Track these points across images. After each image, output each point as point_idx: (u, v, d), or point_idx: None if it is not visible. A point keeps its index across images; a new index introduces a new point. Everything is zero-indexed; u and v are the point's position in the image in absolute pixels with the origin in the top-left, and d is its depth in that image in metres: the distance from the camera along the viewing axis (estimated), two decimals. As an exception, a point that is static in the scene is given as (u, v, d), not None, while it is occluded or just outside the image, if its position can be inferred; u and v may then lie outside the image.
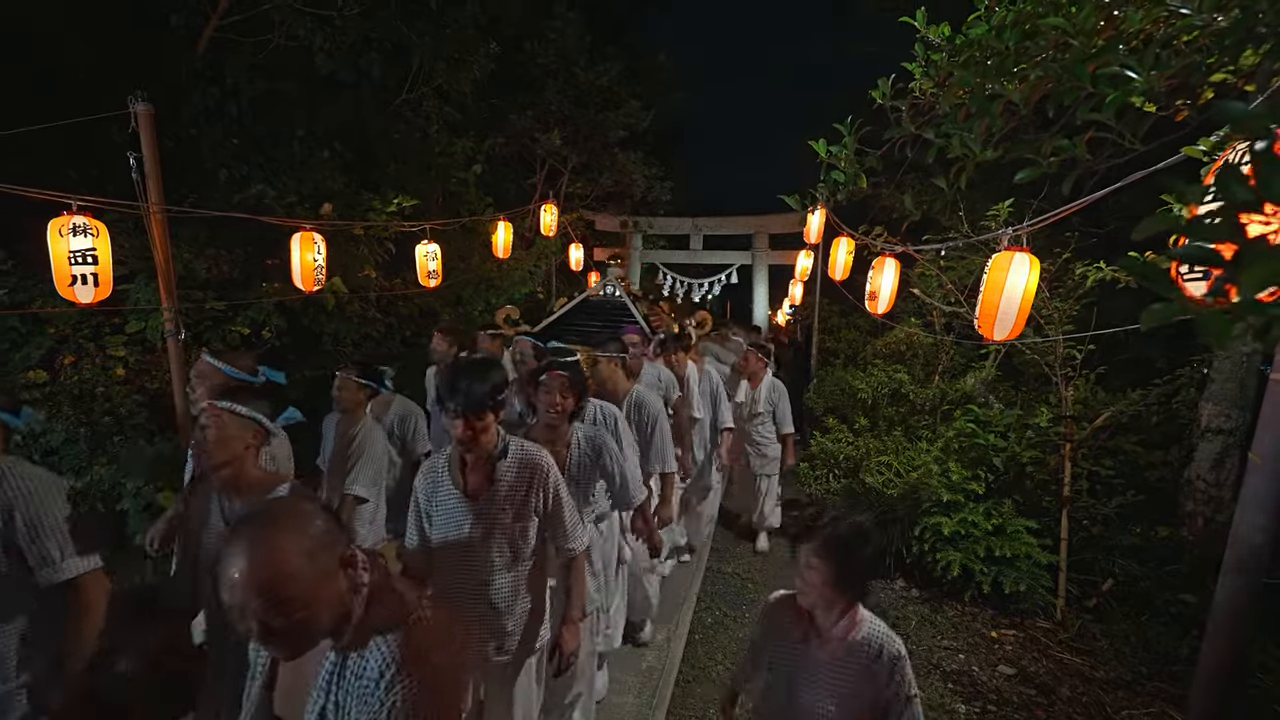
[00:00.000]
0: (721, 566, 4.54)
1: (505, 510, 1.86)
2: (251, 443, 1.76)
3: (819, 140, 2.22)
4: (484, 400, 1.74)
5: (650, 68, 11.49)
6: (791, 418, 4.69)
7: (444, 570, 1.90)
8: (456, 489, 1.88)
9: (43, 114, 3.76)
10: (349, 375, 2.96)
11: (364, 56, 6.79)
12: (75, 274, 3.11)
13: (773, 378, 4.71)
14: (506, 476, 1.87)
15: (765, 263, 11.28)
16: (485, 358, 2.39)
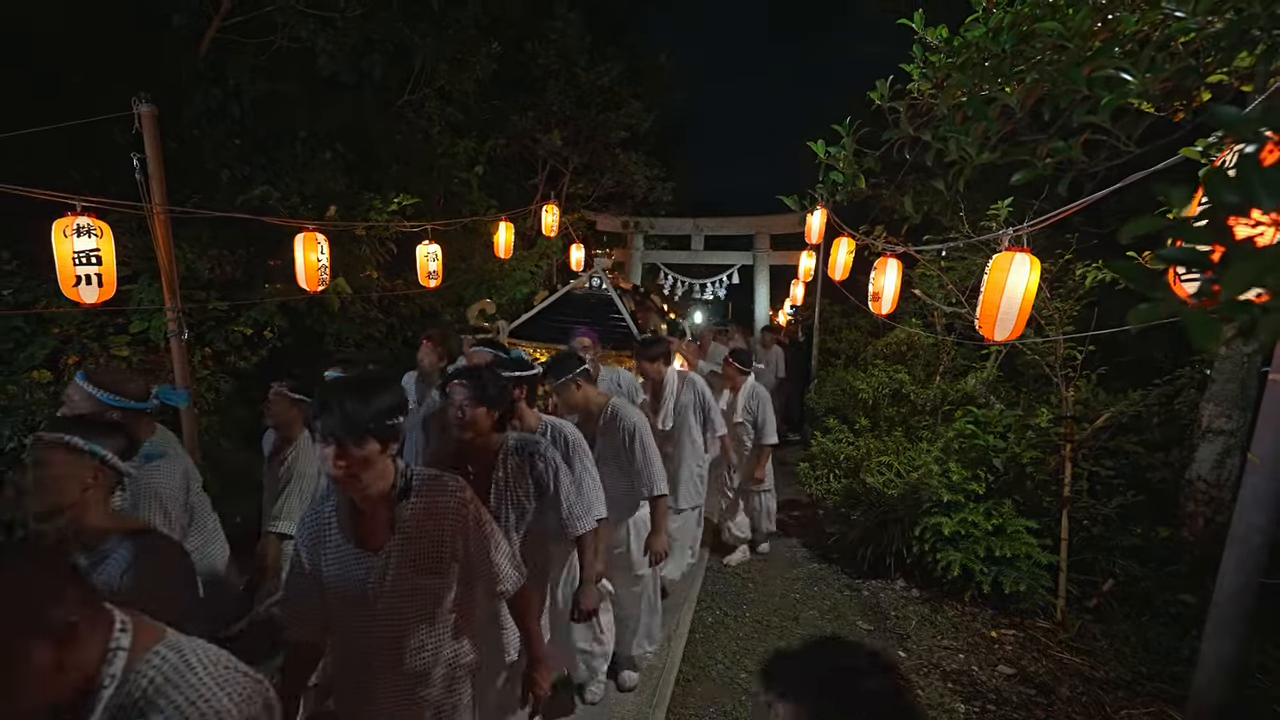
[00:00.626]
0: (721, 567, 4.54)
1: (414, 564, 1.50)
2: (92, 484, 1.43)
3: (818, 141, 2.23)
4: (362, 423, 1.36)
5: (651, 68, 11.51)
6: (774, 428, 4.38)
7: (342, 642, 1.60)
8: (349, 541, 1.51)
9: (46, 115, 3.78)
10: (281, 388, 2.58)
11: (366, 58, 6.81)
12: (79, 274, 3.13)
13: (753, 384, 4.46)
14: (412, 522, 1.50)
15: (767, 263, 11.28)
16: (375, 373, 2.31)
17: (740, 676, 3.28)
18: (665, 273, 11.43)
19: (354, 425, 1.36)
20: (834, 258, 5.18)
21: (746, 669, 3.34)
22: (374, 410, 1.38)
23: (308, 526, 1.57)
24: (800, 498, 5.96)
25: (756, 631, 3.71)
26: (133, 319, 4.44)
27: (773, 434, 4.36)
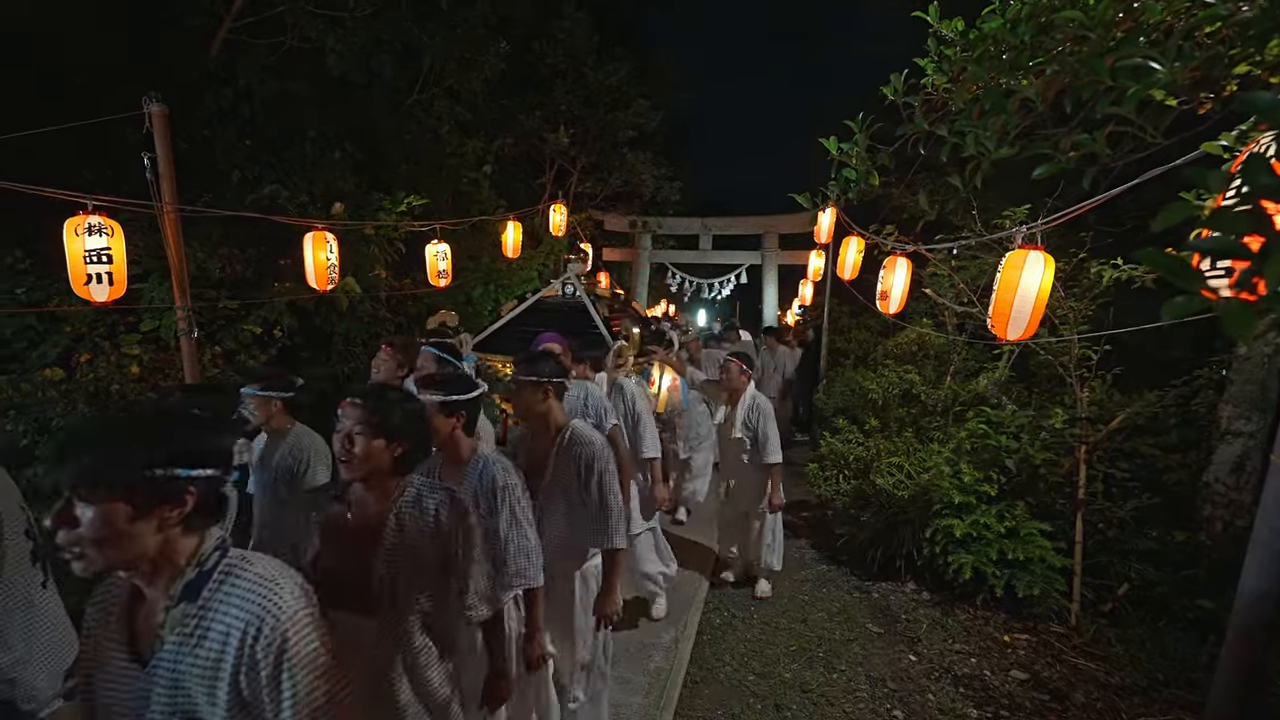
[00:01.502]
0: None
1: (185, 695, 1.01)
2: None
3: (830, 138, 2.20)
4: (102, 473, 0.94)
5: (657, 68, 11.50)
6: (778, 444, 3.85)
7: None
8: (120, 649, 1.07)
9: (58, 114, 3.81)
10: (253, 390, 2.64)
11: (375, 57, 6.84)
12: (91, 273, 3.14)
13: (754, 394, 3.96)
14: (193, 638, 1.01)
15: (775, 263, 11.23)
16: (149, 409, 1.99)
17: (748, 679, 3.25)
18: (673, 272, 11.41)
19: (87, 474, 0.94)
20: (843, 257, 5.14)
21: (755, 671, 3.31)
22: (128, 457, 0.96)
23: (95, 606, 1.13)
24: (809, 499, 5.91)
25: (765, 634, 3.68)
26: (144, 317, 4.46)
27: (776, 451, 3.84)
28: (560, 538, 2.31)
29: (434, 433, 1.84)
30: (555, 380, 2.29)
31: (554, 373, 2.29)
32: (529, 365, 2.29)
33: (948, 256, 5.01)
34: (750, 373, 4.04)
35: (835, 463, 4.99)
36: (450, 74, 7.74)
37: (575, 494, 2.28)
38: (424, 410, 1.67)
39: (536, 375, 2.26)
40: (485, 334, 4.48)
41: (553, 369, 2.29)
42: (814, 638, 3.62)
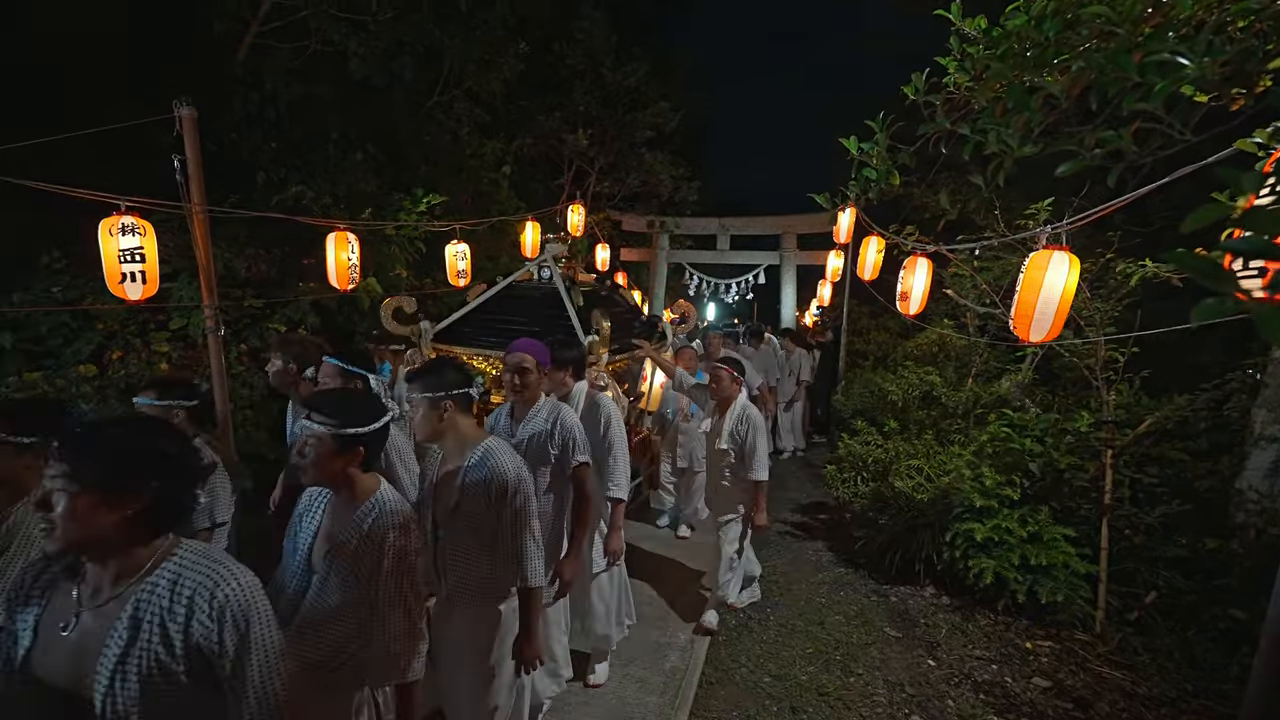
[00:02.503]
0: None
1: None
2: None
3: (850, 137, 2.18)
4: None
5: (674, 68, 11.49)
6: (766, 461, 3.55)
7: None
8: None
9: (92, 117, 3.92)
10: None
11: (396, 60, 6.93)
12: (125, 271, 3.24)
13: (746, 403, 3.65)
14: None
15: (793, 263, 11.16)
16: None
17: (764, 681, 3.24)
18: (690, 273, 11.39)
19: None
20: (863, 257, 5.09)
21: (770, 673, 3.30)
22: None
23: None
24: (826, 501, 5.88)
25: (781, 636, 3.66)
26: (173, 316, 4.57)
27: (763, 468, 3.52)
28: (468, 573, 2.00)
29: (324, 470, 1.56)
30: (458, 394, 1.98)
31: (453, 383, 1.97)
32: (421, 379, 1.97)
33: (969, 257, 4.94)
34: (741, 380, 3.69)
35: (854, 465, 4.95)
36: (470, 76, 7.81)
37: (485, 528, 1.96)
38: (175, 448, 1.20)
39: (430, 390, 1.94)
40: (448, 322, 3.82)
41: (452, 379, 1.98)
42: (831, 641, 3.60)
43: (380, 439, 1.68)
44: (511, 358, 2.51)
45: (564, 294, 3.86)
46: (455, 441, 2.00)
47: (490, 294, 4.08)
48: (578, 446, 2.53)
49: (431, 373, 2.00)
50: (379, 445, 1.68)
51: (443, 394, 1.95)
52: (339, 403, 1.67)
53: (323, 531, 1.66)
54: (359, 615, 1.58)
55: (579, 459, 2.54)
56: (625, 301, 4.55)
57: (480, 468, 1.97)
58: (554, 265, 4.12)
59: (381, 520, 1.60)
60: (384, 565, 1.57)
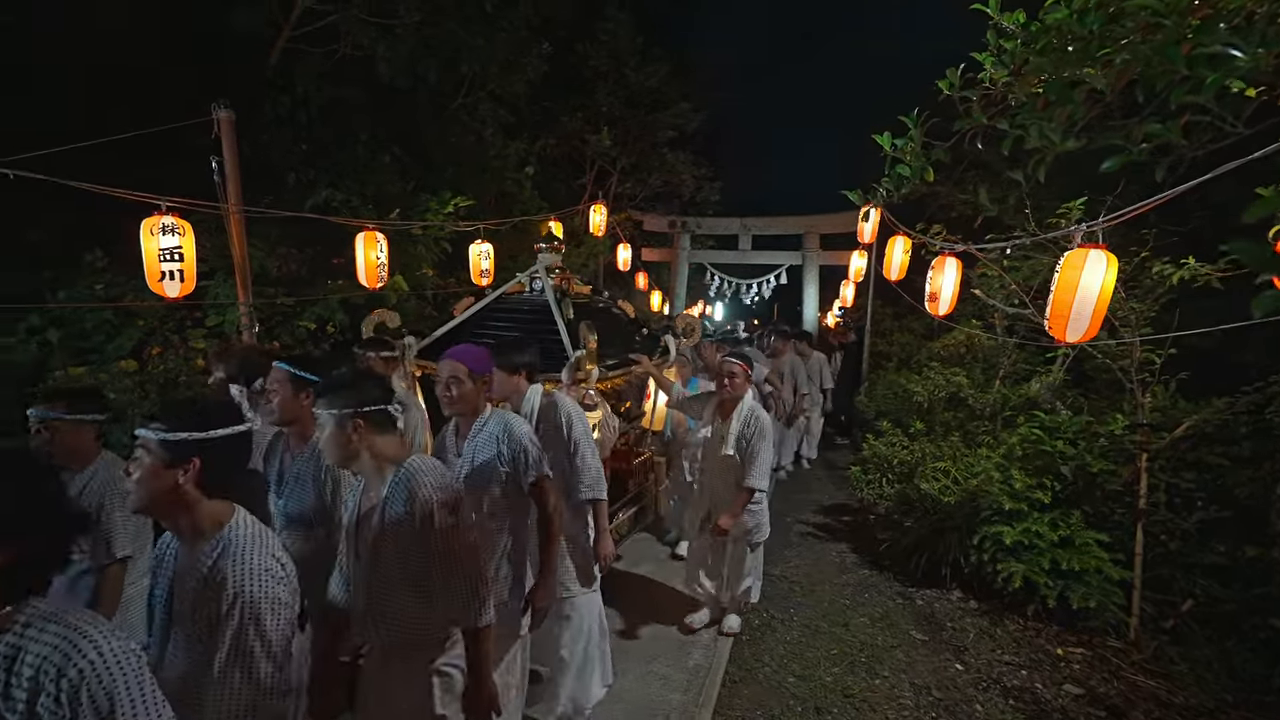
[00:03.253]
0: (769, 569, 4.46)
1: None
2: None
3: (884, 134, 2.17)
4: None
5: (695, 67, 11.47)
6: (767, 469, 3.32)
7: None
8: None
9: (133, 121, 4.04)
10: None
11: (422, 63, 7.03)
12: (164, 270, 3.34)
13: (754, 405, 3.39)
14: None
15: (816, 263, 11.08)
16: None
17: (788, 681, 3.23)
18: (712, 273, 11.38)
19: None
20: (889, 257, 5.05)
21: (794, 673, 3.28)
22: None
23: None
24: (850, 502, 5.83)
25: (805, 636, 3.64)
26: (208, 313, 4.70)
27: (762, 476, 3.28)
28: (402, 619, 1.70)
29: (149, 489, 1.33)
30: (372, 410, 1.69)
31: (366, 399, 1.69)
32: (326, 395, 1.68)
33: (999, 256, 4.86)
34: (751, 379, 3.49)
35: (878, 466, 4.90)
36: (494, 78, 7.89)
37: (414, 561, 1.67)
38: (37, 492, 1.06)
39: (335, 407, 1.65)
40: (434, 337, 3.59)
41: (364, 394, 1.70)
42: (855, 643, 3.57)
43: (226, 453, 1.38)
44: (442, 366, 2.22)
45: (554, 306, 3.54)
46: (372, 466, 1.71)
47: (478, 307, 3.81)
48: (531, 459, 2.24)
49: (339, 387, 1.70)
50: (226, 462, 1.39)
51: (350, 411, 1.65)
52: (177, 405, 1.42)
53: (175, 575, 1.39)
54: (201, 682, 1.27)
55: (535, 473, 2.24)
56: (623, 314, 4.18)
57: (400, 495, 1.67)
58: (545, 276, 3.79)
59: (226, 561, 1.29)
60: (229, 619, 1.25)
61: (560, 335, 3.37)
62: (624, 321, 4.11)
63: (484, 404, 2.30)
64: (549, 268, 3.88)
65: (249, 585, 1.27)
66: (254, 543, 1.34)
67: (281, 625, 1.31)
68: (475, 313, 3.81)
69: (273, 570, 1.33)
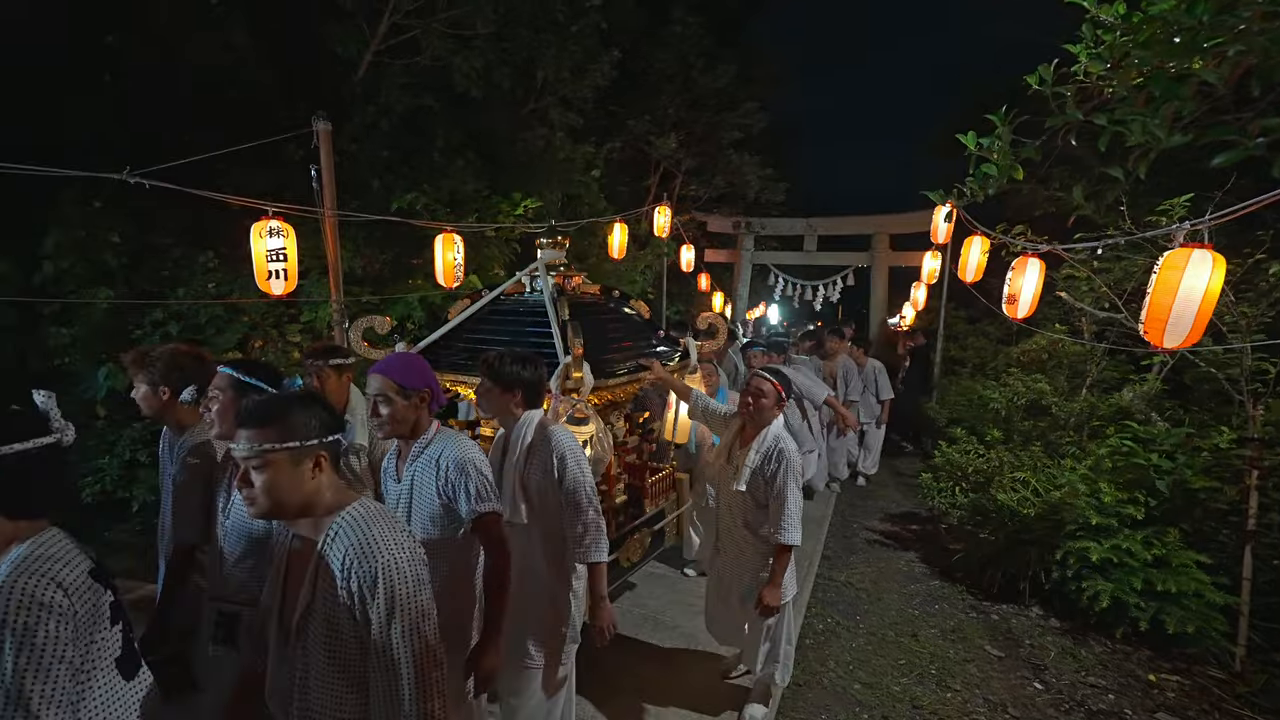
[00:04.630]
0: (833, 575, 4.41)
1: None
2: None
3: (968, 133, 2.11)
4: None
5: (762, 67, 11.36)
6: (797, 517, 2.58)
7: None
8: None
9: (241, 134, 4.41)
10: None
11: (496, 71, 7.31)
12: (271, 269, 3.64)
13: (780, 434, 2.68)
14: None
15: (885, 264, 10.74)
16: None
17: (854, 688, 3.18)
18: (775, 274, 11.23)
19: None
20: (964, 258, 4.86)
21: (861, 681, 3.23)
22: None
23: None
24: (918, 511, 5.66)
25: (871, 644, 3.57)
26: (303, 310, 5.07)
27: (793, 528, 2.56)
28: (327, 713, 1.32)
29: None
30: (303, 446, 1.30)
31: (320, 428, 1.33)
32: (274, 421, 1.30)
33: (1088, 257, 4.59)
34: (785, 401, 2.74)
35: (951, 474, 4.72)
36: (564, 84, 8.10)
37: (349, 643, 1.30)
38: None
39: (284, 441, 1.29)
40: (426, 342, 3.27)
41: (318, 422, 1.33)
42: (925, 654, 3.47)
43: (15, 471, 1.15)
44: (371, 382, 1.90)
45: (549, 307, 3.06)
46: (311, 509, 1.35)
47: (471, 310, 3.43)
48: (472, 489, 1.85)
49: (287, 411, 1.31)
50: (15, 483, 1.16)
51: (315, 443, 1.32)
52: None
53: None
54: None
55: (477, 506, 1.84)
56: (636, 315, 3.71)
57: (338, 551, 1.28)
58: (545, 274, 3.32)
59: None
60: None
61: (553, 342, 2.90)
62: (636, 323, 3.65)
63: (427, 422, 1.96)
64: (550, 265, 3.40)
65: (10, 615, 1.07)
66: (32, 567, 1.12)
67: (55, 667, 1.09)
68: (470, 315, 3.39)
69: (46, 601, 1.09)
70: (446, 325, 3.40)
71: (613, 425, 3.24)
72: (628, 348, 3.29)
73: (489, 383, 2.20)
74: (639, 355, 3.25)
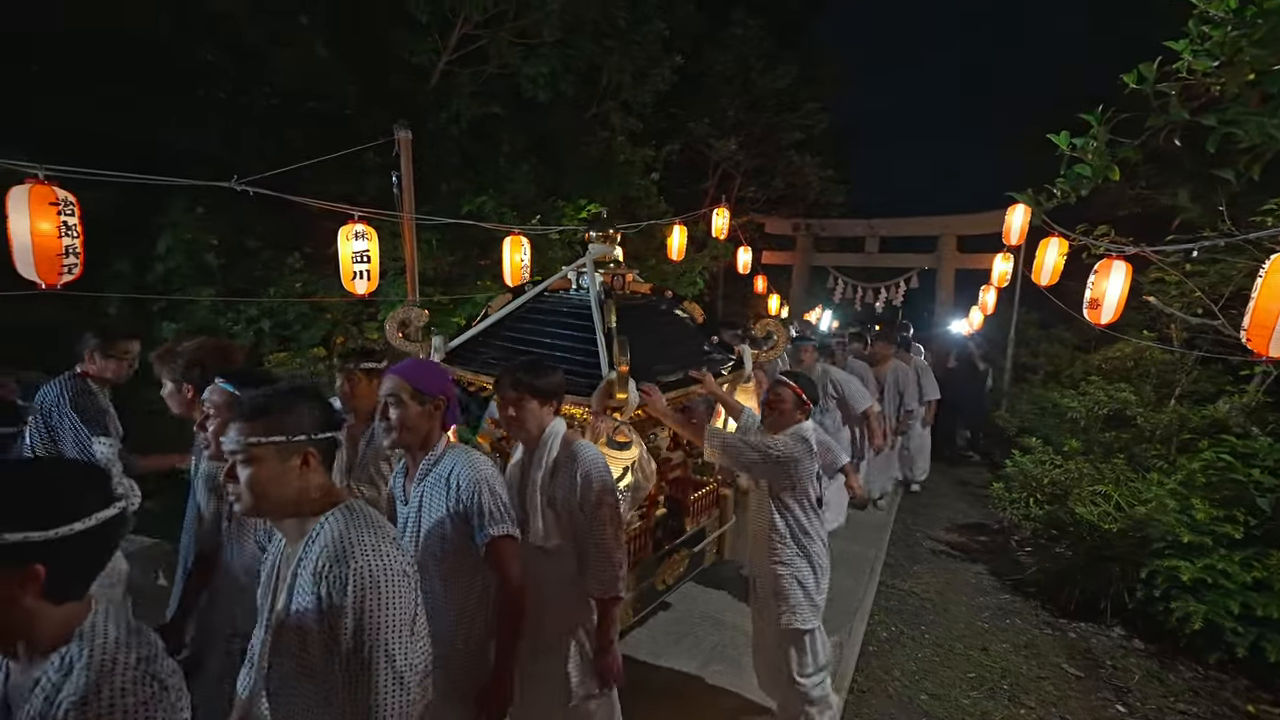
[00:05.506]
0: (897, 583, 4.32)
1: None
2: None
3: (1060, 133, 2.05)
4: None
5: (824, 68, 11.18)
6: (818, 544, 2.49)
7: None
8: None
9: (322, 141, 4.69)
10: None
11: (561, 78, 7.50)
12: (356, 270, 3.88)
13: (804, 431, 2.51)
14: None
15: (952, 267, 10.36)
16: None
17: (920, 698, 3.12)
18: (835, 277, 11.02)
19: None
20: (1039, 260, 4.67)
21: (927, 691, 3.17)
22: None
23: None
24: (987, 522, 5.46)
25: (938, 655, 3.49)
26: (381, 309, 5.35)
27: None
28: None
29: None
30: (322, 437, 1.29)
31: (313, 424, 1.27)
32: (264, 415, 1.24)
33: (1180, 260, 4.33)
34: (808, 406, 2.55)
35: (1025, 485, 4.54)
36: (626, 88, 8.21)
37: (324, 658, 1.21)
38: None
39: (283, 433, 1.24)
40: (462, 339, 3.02)
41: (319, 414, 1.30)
42: (996, 669, 3.37)
43: (82, 552, 0.94)
44: (385, 383, 1.76)
45: (595, 309, 2.73)
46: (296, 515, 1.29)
47: (512, 306, 3.13)
48: (486, 512, 1.69)
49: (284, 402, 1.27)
50: (85, 565, 0.97)
51: (304, 438, 1.25)
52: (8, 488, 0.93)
53: None
54: None
55: (490, 531, 1.68)
56: (689, 319, 3.38)
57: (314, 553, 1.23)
58: (593, 271, 2.94)
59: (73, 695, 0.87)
60: None
61: (596, 346, 2.59)
62: (689, 328, 3.32)
63: (439, 435, 1.80)
64: (599, 261, 3.00)
65: None
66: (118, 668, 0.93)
67: None
68: (511, 312, 3.10)
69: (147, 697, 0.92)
70: (484, 321, 3.11)
71: (656, 437, 3.00)
72: (678, 355, 2.98)
73: (527, 396, 1.97)
74: (690, 363, 2.92)
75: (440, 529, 1.72)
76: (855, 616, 3.74)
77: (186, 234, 4.80)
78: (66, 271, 2.64)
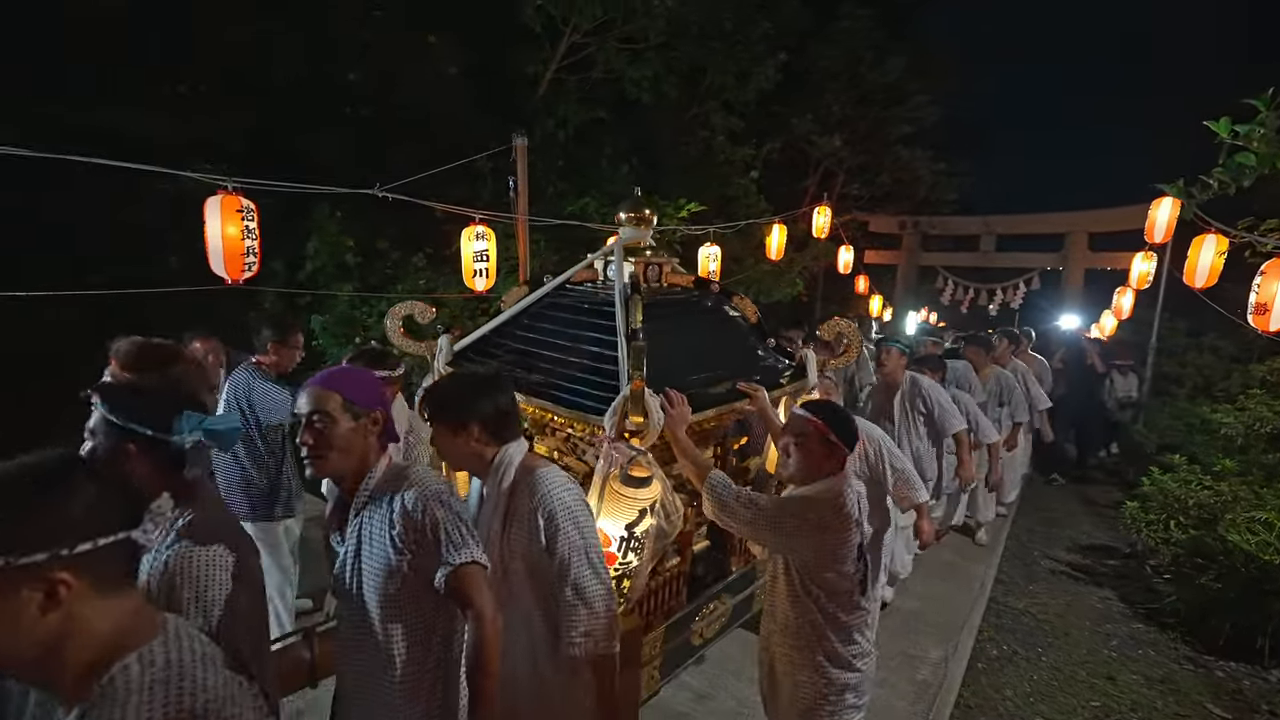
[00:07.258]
0: (1010, 601, 4.07)
1: None
2: None
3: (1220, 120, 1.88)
4: None
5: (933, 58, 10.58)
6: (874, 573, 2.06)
7: None
8: None
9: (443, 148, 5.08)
10: None
11: (664, 80, 7.64)
12: (476, 269, 4.19)
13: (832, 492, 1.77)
14: None
15: (1080, 266, 9.50)
16: None
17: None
18: (944, 277, 10.42)
19: None
20: (1192, 260, 4.23)
21: (1043, 714, 2.98)
22: None
23: None
24: (1115, 545, 5.00)
25: (1056, 679, 3.26)
26: (492, 305, 5.73)
27: None
28: None
29: None
30: (54, 557, 0.81)
31: (68, 532, 0.84)
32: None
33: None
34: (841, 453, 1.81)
35: (1165, 506, 4.12)
36: (728, 88, 8.23)
37: None
38: None
39: None
40: (474, 336, 2.62)
41: (61, 524, 0.84)
42: (1126, 701, 3.10)
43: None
44: (304, 397, 1.39)
45: (619, 306, 2.20)
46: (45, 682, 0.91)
47: (533, 298, 2.66)
48: (444, 538, 1.33)
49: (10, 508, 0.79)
50: None
51: (41, 558, 0.78)
52: None
53: None
54: None
55: (451, 558, 1.32)
56: (741, 318, 2.77)
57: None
58: (620, 261, 2.40)
59: None
60: None
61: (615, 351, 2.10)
62: (741, 328, 2.73)
63: (376, 456, 1.43)
64: (630, 249, 2.47)
65: None
66: None
67: None
68: (527, 307, 2.63)
69: None
70: (497, 318, 2.63)
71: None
72: (724, 362, 2.43)
73: (433, 424, 1.62)
74: (739, 373, 2.37)
75: (386, 569, 1.34)
76: (963, 630, 3.57)
77: (330, 237, 5.38)
78: (247, 269, 3.08)
